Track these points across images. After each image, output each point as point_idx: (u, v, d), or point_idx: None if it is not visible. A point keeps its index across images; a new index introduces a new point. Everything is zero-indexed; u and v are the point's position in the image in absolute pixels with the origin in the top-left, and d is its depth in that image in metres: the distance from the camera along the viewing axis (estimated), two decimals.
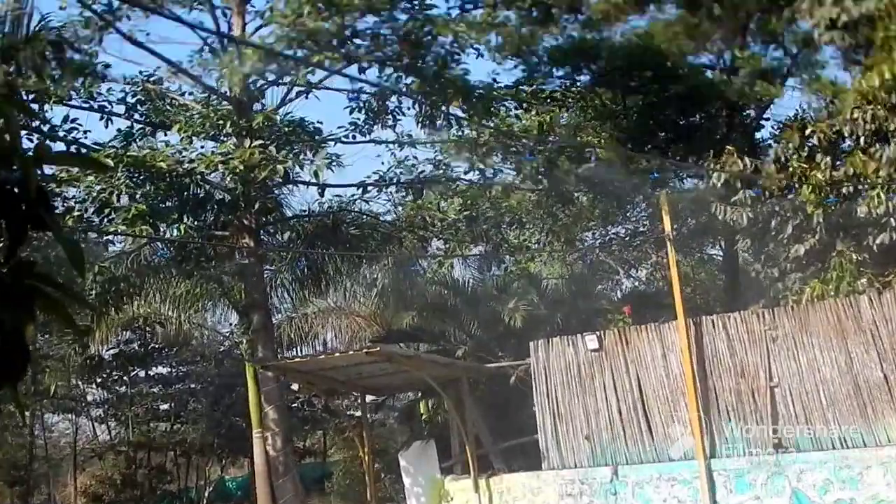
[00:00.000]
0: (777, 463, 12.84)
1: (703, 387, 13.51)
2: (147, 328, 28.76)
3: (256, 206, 17.12)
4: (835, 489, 12.38)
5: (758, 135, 23.09)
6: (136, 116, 17.85)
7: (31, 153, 2.41)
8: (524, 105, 18.93)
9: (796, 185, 14.47)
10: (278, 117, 16.97)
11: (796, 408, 12.98)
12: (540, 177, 18.81)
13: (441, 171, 19.33)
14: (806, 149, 14.80)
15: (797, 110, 22.44)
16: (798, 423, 12.93)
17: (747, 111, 23.05)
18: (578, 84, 20.54)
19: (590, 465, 14.35)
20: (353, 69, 17.26)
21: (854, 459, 12.32)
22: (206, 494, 43.83)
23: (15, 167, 2.27)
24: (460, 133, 18.54)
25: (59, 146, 16.25)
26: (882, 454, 12.13)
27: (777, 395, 13.10)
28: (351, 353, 16.14)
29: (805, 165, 14.50)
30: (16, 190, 2.22)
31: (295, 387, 18.58)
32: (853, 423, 12.53)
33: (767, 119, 23.63)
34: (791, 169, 14.56)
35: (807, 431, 12.85)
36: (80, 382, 35.62)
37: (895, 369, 12.31)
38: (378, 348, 15.92)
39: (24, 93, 15.47)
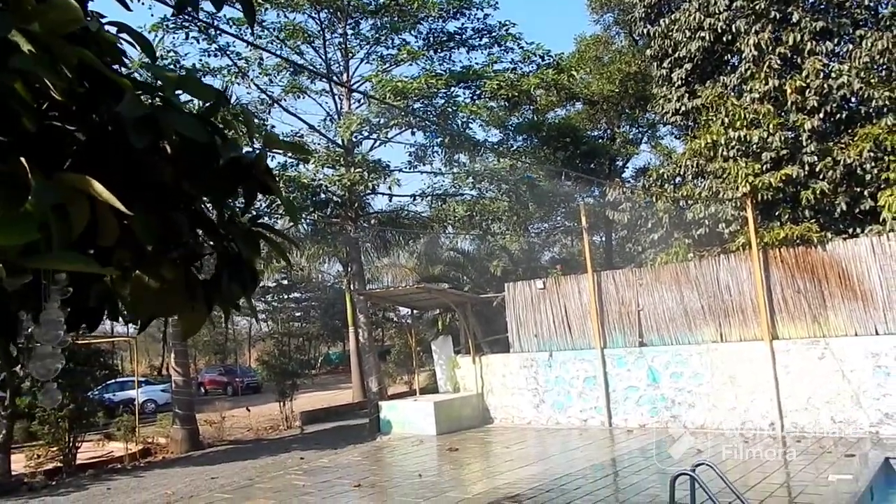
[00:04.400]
0: (640, 352, 12.63)
1: (600, 310, 13.29)
2: (292, 271, 28.74)
3: (355, 205, 16.87)
4: (672, 366, 12.18)
5: (624, 175, 22.91)
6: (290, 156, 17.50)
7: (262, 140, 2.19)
8: (501, 154, 18.63)
9: (654, 200, 14.18)
10: (370, 157, 16.64)
11: (651, 322, 12.75)
12: (509, 194, 18.63)
13: (456, 189, 19.09)
14: (660, 180, 14.52)
15: (647, 162, 22.33)
16: (653, 331, 12.72)
17: (618, 160, 22.83)
18: (531, 143, 20.20)
19: (537, 351, 14.14)
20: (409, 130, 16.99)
21: (683, 351, 12.11)
22: (319, 360, 44.03)
23: (249, 150, 1.98)
24: (467, 169, 18.28)
25: None
26: (699, 348, 11.92)
27: (642, 316, 12.86)
28: (408, 287, 16.00)
29: (659, 189, 14.22)
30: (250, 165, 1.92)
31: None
32: (683, 331, 12.34)
33: (628, 166, 23.48)
34: (652, 190, 14.29)
35: (657, 335, 12.69)
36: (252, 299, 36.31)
37: (708, 303, 12.10)
38: (424, 285, 15.75)
39: None
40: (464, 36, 16.90)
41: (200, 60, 15.80)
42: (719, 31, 13.69)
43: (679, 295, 12.41)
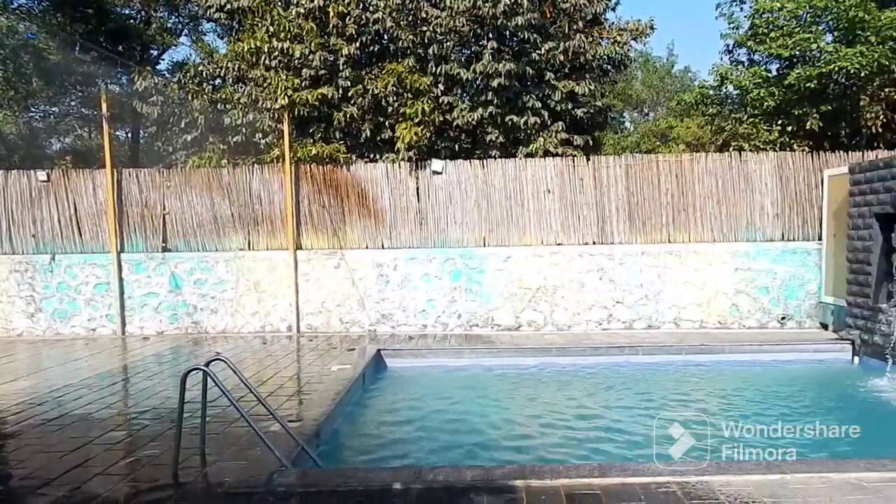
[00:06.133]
0: (163, 258, 12.22)
1: (119, 211, 12.25)
2: None
3: None
4: (196, 273, 12.19)
5: (159, 67, 21.33)
6: None
7: None
8: None
9: (190, 98, 13.46)
10: None
11: (178, 228, 12.39)
12: (5, 62, 15.25)
13: None
14: (198, 78, 13.84)
15: (186, 57, 21.29)
16: (178, 237, 12.38)
17: (153, 49, 21.15)
18: (39, 4, 16.81)
19: (35, 253, 12.30)
20: None
21: (209, 258, 12.21)
22: None
23: None
24: None
25: None
26: (226, 255, 12.19)
27: (167, 220, 12.37)
28: None
29: (197, 88, 13.59)
30: None
31: None
32: (211, 238, 12.36)
33: (164, 58, 22.04)
34: (188, 88, 13.55)
35: (183, 241, 12.39)
36: None
37: (238, 211, 12.32)
38: None
39: None
40: None
41: None
42: None
43: (210, 201, 12.35)
